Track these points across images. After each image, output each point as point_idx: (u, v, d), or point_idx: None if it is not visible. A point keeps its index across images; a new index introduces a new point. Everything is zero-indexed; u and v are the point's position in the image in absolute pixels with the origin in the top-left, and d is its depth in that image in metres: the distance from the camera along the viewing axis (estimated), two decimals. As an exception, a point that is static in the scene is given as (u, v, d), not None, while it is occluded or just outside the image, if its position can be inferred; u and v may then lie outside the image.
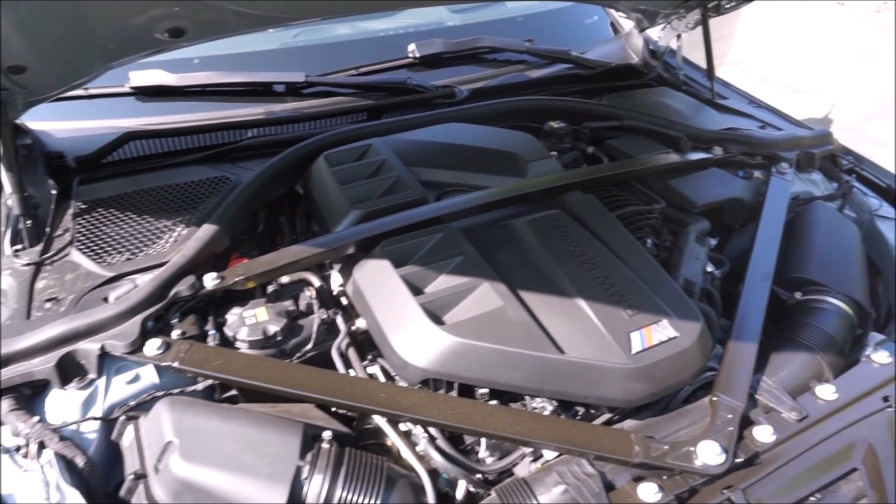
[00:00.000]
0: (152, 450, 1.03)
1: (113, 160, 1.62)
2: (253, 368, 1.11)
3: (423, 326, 1.13)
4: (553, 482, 1.03)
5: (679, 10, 2.05)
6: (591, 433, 1.08)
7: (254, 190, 1.47)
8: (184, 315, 1.22)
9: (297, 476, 0.99)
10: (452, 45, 2.01)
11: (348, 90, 1.85)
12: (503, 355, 1.10)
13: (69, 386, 1.11)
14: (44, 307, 1.22)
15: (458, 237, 1.32)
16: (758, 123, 1.96)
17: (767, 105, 2.15)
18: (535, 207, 1.46)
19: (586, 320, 1.17)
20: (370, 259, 1.28)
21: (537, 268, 1.27)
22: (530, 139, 1.67)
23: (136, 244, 1.37)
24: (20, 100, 1.37)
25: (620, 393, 1.11)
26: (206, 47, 1.87)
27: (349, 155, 1.56)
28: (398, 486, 1.04)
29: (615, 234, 1.36)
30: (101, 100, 1.76)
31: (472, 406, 1.10)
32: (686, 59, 2.33)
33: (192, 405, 1.08)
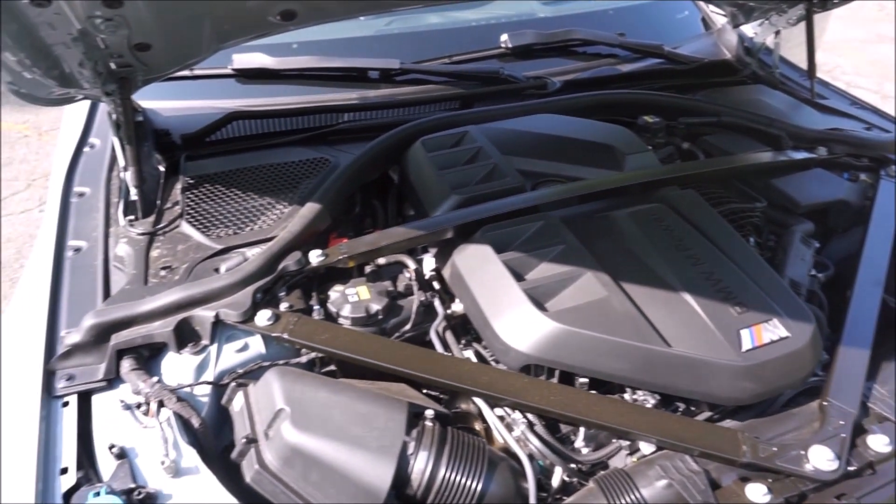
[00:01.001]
0: (262, 416, 1.06)
1: (216, 139, 1.68)
2: (358, 344, 1.13)
3: (527, 312, 1.13)
4: (656, 476, 1.02)
5: (781, 4, 1.98)
6: (698, 429, 1.06)
7: (353, 172, 1.50)
8: (290, 289, 1.26)
9: (404, 451, 1.01)
10: (544, 37, 2.00)
11: (441, 78, 1.86)
12: (609, 345, 1.09)
13: (184, 350, 1.15)
14: (159, 275, 1.27)
15: (559, 226, 1.31)
16: (863, 125, 1.88)
17: (871, 106, 2.06)
18: (632, 201, 1.44)
19: (693, 315, 1.15)
20: (471, 244, 1.29)
21: (640, 260, 1.26)
22: (627, 132, 1.65)
23: (240, 219, 1.41)
24: (140, 77, 1.44)
25: (728, 391, 1.08)
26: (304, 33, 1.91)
27: (445, 141, 1.57)
28: (499, 469, 1.04)
29: (719, 230, 1.33)
30: (204, 81, 1.83)
31: (576, 394, 1.10)
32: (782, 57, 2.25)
33: (301, 376, 1.11)
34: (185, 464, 1.01)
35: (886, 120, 1.98)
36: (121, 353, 1.13)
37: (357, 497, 0.98)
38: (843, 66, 5.50)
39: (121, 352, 1.13)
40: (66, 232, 1.42)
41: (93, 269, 1.32)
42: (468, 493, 1.00)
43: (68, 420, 1.06)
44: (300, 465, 1.00)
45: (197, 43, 1.44)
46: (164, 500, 0.97)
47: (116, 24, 1.21)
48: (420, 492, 1.00)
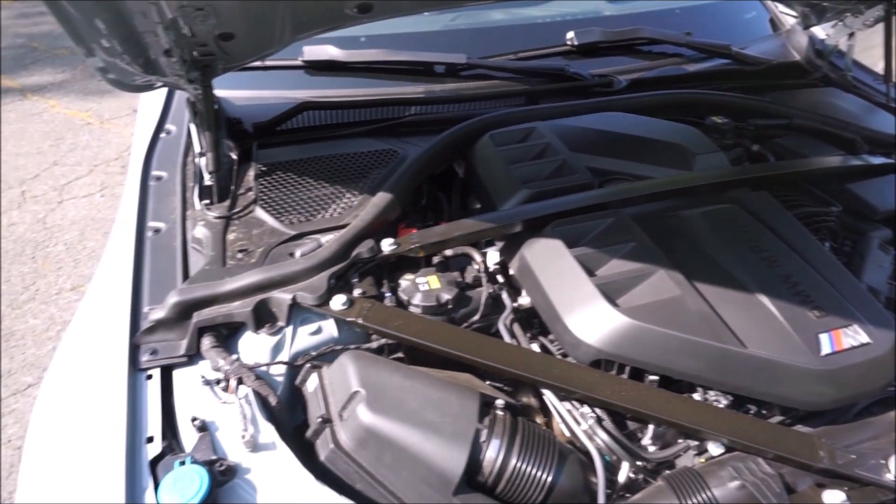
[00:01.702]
0: (337, 397, 1.08)
1: (285, 128, 1.72)
2: (431, 331, 1.15)
3: (599, 306, 1.13)
4: (728, 476, 1.01)
5: (858, 5, 1.93)
6: (773, 432, 1.05)
7: (422, 164, 1.52)
8: (362, 276, 1.28)
9: (477, 438, 1.02)
10: (611, 35, 1.99)
11: (506, 74, 1.87)
12: (682, 343, 1.09)
13: (261, 331, 1.19)
14: (236, 257, 1.31)
15: (630, 223, 1.31)
16: (941, 131, 1.82)
17: (950, 112, 1.99)
18: (701, 202, 1.42)
19: (770, 317, 1.13)
20: (541, 238, 1.29)
21: (713, 260, 1.24)
22: (696, 133, 1.63)
23: (311, 206, 1.44)
24: (220, 65, 1.48)
25: (805, 395, 1.07)
26: (373, 26, 1.94)
27: (513, 136, 1.58)
28: (569, 462, 1.05)
29: (795, 233, 1.31)
30: (275, 71, 1.87)
31: (647, 391, 1.09)
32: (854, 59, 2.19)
33: (375, 360, 1.13)
34: (262, 439, 1.04)
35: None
36: (201, 330, 1.17)
37: (429, 481, 0.99)
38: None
39: (202, 329, 1.17)
40: (146, 214, 1.47)
41: (172, 249, 1.37)
42: (538, 484, 1.01)
43: (152, 392, 1.10)
44: (374, 447, 1.02)
45: (275, 34, 1.48)
46: (243, 473, 1.01)
47: (206, 14, 1.25)
48: (491, 480, 1.01)
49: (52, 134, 4.27)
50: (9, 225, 3.41)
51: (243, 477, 1.01)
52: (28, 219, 3.45)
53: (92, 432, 1.06)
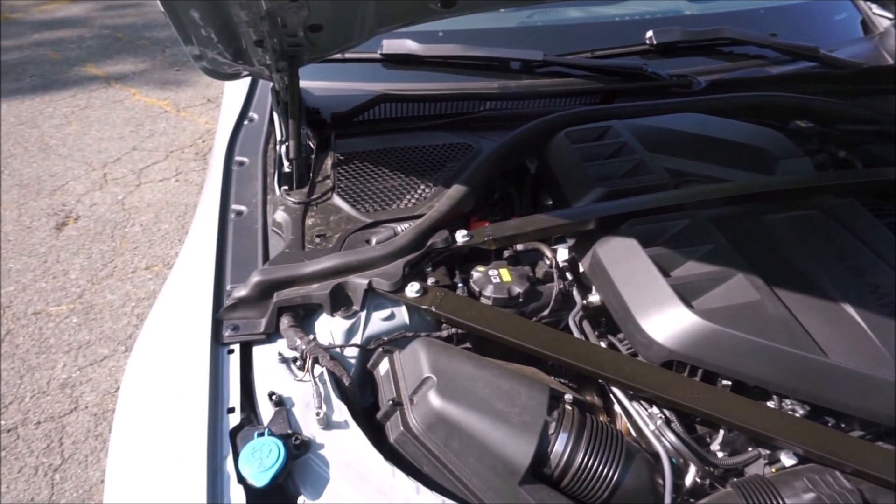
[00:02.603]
0: (408, 382, 1.11)
1: (363, 119, 1.76)
2: (503, 323, 1.16)
3: (674, 307, 1.12)
4: (803, 488, 0.98)
5: (959, 8, 1.84)
6: (853, 445, 1.01)
7: (496, 158, 1.53)
8: (435, 266, 1.31)
9: (545, 430, 1.02)
10: (691, 35, 1.95)
11: (582, 72, 1.86)
12: (759, 348, 1.06)
13: (337, 313, 1.22)
14: (314, 241, 1.35)
15: (708, 225, 1.28)
16: None
17: None
18: (782, 207, 1.38)
19: (855, 326, 1.09)
20: (615, 236, 1.29)
21: (795, 266, 1.21)
22: (780, 136, 1.58)
23: (387, 196, 1.48)
24: (306, 55, 1.53)
25: (889, 409, 1.03)
26: (450, 22, 1.97)
27: (589, 134, 1.57)
28: (636, 462, 1.04)
29: (884, 242, 1.26)
30: (353, 64, 1.92)
31: (721, 394, 1.07)
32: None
33: (446, 348, 1.15)
34: (335, 418, 1.08)
35: None
36: (280, 309, 1.21)
37: (496, 469, 1.01)
38: None
39: (280, 309, 1.21)
40: (229, 196, 1.53)
41: (253, 231, 1.43)
42: (604, 480, 1.01)
43: (233, 366, 1.16)
44: (443, 432, 1.04)
45: (360, 26, 1.52)
46: (316, 449, 1.04)
47: (299, 6, 1.30)
48: (557, 472, 1.01)
49: (132, 120, 4.49)
50: (91, 205, 3.61)
51: (316, 452, 1.04)
52: (108, 199, 3.64)
53: (177, 401, 1.11)
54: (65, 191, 3.72)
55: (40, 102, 4.69)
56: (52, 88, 4.86)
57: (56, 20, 6.09)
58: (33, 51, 5.51)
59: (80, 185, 3.78)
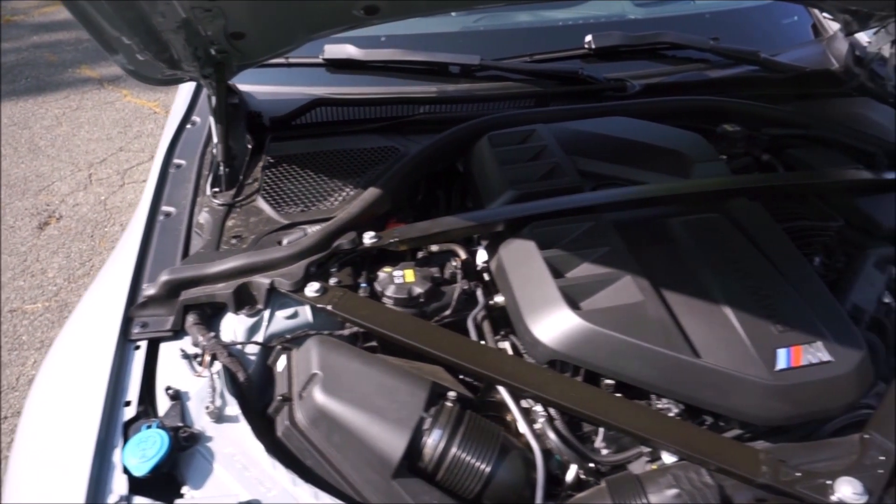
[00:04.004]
0: (299, 378, 1.15)
1: (301, 123, 1.81)
2: (395, 323, 1.20)
3: (557, 308, 1.15)
4: (666, 484, 1.01)
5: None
6: (717, 443, 1.04)
7: (418, 161, 1.56)
8: (342, 266, 1.35)
9: (420, 426, 1.06)
10: (631, 39, 1.97)
11: (519, 76, 1.89)
12: (635, 349, 1.09)
13: (241, 312, 1.27)
14: (230, 242, 1.40)
15: (608, 228, 1.31)
16: (978, 147, 1.71)
17: None
18: (693, 210, 1.41)
19: (729, 328, 1.12)
20: (517, 238, 1.32)
21: (686, 269, 1.24)
22: (700, 140, 1.60)
23: (310, 198, 1.52)
24: (235, 63, 1.58)
25: (756, 409, 1.05)
26: (394, 26, 2.01)
27: (512, 137, 1.60)
28: (510, 457, 1.07)
29: (778, 246, 1.28)
30: (298, 68, 1.96)
31: (596, 393, 1.10)
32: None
33: (337, 346, 1.19)
34: (227, 412, 1.12)
35: None
36: (187, 308, 1.26)
37: (372, 462, 1.05)
38: None
39: (188, 307, 1.26)
40: (161, 198, 1.58)
41: (177, 232, 1.47)
42: (476, 473, 1.04)
43: (137, 362, 1.20)
44: (325, 427, 1.08)
45: (288, 33, 1.56)
46: (204, 441, 1.09)
47: (214, 15, 1.34)
48: (431, 466, 1.05)
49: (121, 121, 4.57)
50: (74, 205, 3.68)
51: (204, 445, 1.09)
52: (91, 200, 3.71)
53: (77, 396, 1.16)
54: (50, 191, 3.81)
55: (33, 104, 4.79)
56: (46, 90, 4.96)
57: (56, 22, 6.20)
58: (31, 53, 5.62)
59: (65, 186, 3.86)
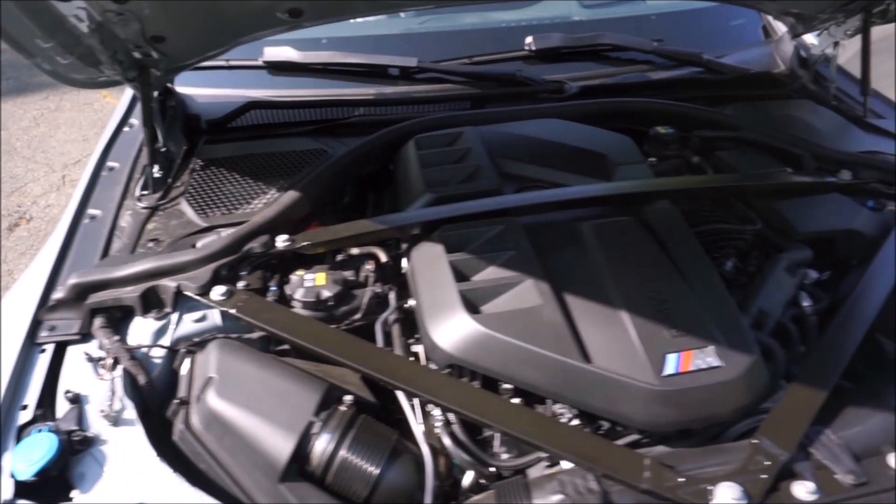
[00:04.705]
0: (198, 381, 1.16)
1: (237, 126, 1.81)
2: (294, 326, 1.20)
3: (455, 312, 1.15)
4: (552, 489, 1.01)
5: (837, 14, 1.84)
6: (603, 449, 1.04)
7: (343, 164, 1.57)
8: (254, 269, 1.35)
9: (308, 430, 1.06)
10: (572, 41, 1.97)
11: (458, 78, 1.89)
12: (525, 353, 1.09)
13: (149, 315, 1.27)
14: (146, 245, 1.40)
15: (518, 232, 1.31)
16: (911, 149, 1.71)
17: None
18: (613, 212, 1.41)
19: (623, 333, 1.12)
20: (427, 242, 1.32)
21: (590, 273, 1.24)
22: (627, 142, 1.60)
23: (234, 201, 1.52)
24: (161, 65, 1.58)
25: (642, 414, 1.05)
26: (336, 29, 2.02)
27: (440, 140, 1.60)
28: (401, 460, 1.08)
29: (685, 250, 1.28)
30: (240, 71, 1.96)
31: (488, 398, 1.10)
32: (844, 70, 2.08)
33: (238, 349, 1.19)
34: (125, 416, 1.13)
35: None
36: (95, 311, 1.26)
37: (260, 466, 1.05)
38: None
39: (96, 310, 1.26)
40: (88, 201, 1.59)
41: (99, 235, 1.48)
42: (364, 477, 1.04)
43: (41, 365, 1.21)
44: (217, 430, 1.09)
45: (213, 36, 1.56)
46: (98, 445, 1.09)
47: (126, 19, 1.35)
48: (319, 470, 1.05)
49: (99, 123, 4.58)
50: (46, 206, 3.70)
51: (98, 448, 1.09)
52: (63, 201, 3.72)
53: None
54: (23, 192, 3.82)
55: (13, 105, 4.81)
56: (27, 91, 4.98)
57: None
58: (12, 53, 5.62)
59: (38, 187, 3.87)
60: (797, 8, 1.89)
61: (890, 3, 1.73)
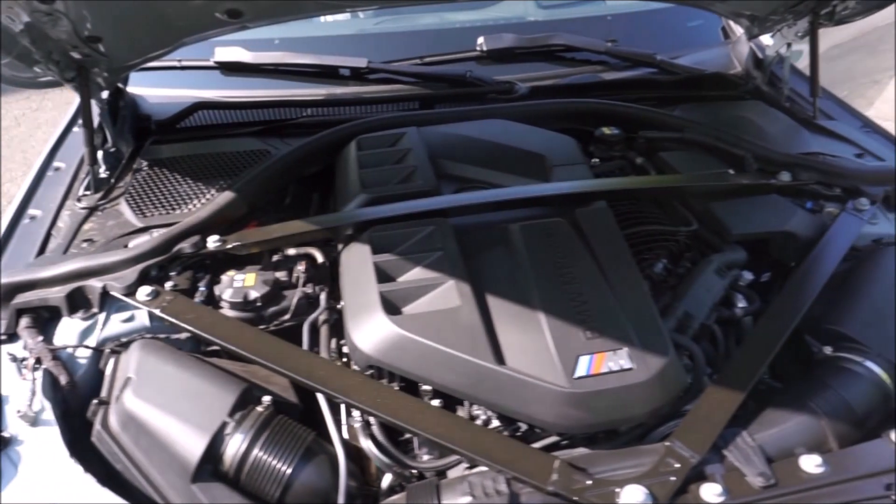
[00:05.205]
0: (119, 382, 1.16)
1: (185, 126, 1.81)
2: (215, 326, 1.20)
3: (374, 314, 1.15)
4: (462, 491, 1.01)
5: (787, 16, 1.84)
6: (514, 451, 1.04)
7: (283, 165, 1.57)
8: (185, 270, 1.35)
9: (221, 430, 1.07)
10: (524, 41, 1.97)
11: (408, 78, 1.89)
12: (440, 355, 1.09)
13: (75, 315, 1.27)
14: (80, 246, 1.40)
15: (447, 233, 1.31)
16: (856, 150, 1.71)
17: (884, 131, 1.86)
18: (549, 213, 1.41)
19: (539, 335, 1.12)
20: (356, 242, 1.32)
21: (513, 275, 1.24)
22: (569, 143, 1.60)
23: (174, 202, 1.52)
24: (103, 66, 1.58)
25: (553, 416, 1.05)
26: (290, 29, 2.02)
27: (383, 141, 1.61)
28: (316, 461, 1.08)
29: (611, 252, 1.28)
30: (193, 72, 1.96)
31: (403, 399, 1.11)
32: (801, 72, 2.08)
33: (159, 349, 1.19)
34: (44, 416, 1.13)
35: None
36: (22, 311, 1.26)
37: (172, 466, 1.05)
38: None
39: (22, 311, 1.26)
40: (30, 201, 1.59)
41: (37, 236, 1.48)
42: (276, 477, 1.04)
43: (-35, 365, 1.21)
44: (133, 430, 1.09)
45: (153, 37, 1.56)
46: (14, 445, 1.09)
47: (55, 19, 1.34)
48: (232, 471, 1.05)
49: (78, 122, 4.58)
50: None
51: (14, 448, 1.09)
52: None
53: None
54: (-2, 192, 3.83)
55: (-5, 104, 4.81)
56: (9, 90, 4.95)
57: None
58: (-5, 52, 5.65)
59: (14, 187, 3.86)
60: (748, 9, 1.89)
61: (836, 4, 1.73)
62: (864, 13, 1.76)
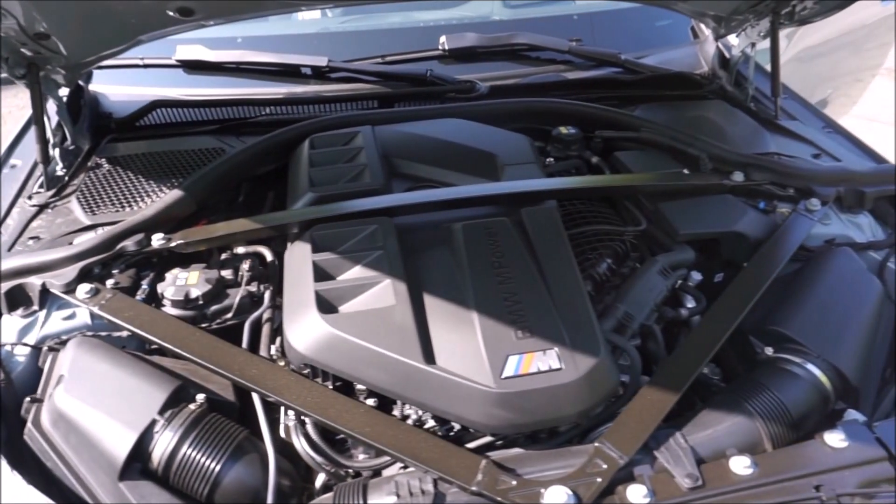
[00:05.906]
0: (54, 379, 1.16)
1: (144, 124, 1.81)
2: (153, 324, 1.20)
3: (308, 312, 1.15)
4: (388, 491, 1.01)
5: (749, 16, 1.84)
6: (441, 451, 1.04)
7: (234, 163, 1.56)
8: (128, 268, 1.35)
9: (150, 428, 1.06)
10: (486, 40, 1.97)
11: (369, 77, 1.89)
12: (370, 354, 1.09)
13: (15, 313, 1.27)
14: (26, 243, 1.40)
15: (389, 232, 1.31)
16: (814, 151, 1.70)
17: (846, 131, 1.86)
18: (497, 212, 1.40)
19: (471, 335, 1.11)
20: (299, 241, 1.32)
21: (450, 274, 1.23)
22: (523, 142, 1.60)
23: (125, 200, 1.52)
24: (55, 64, 1.58)
25: (480, 416, 1.05)
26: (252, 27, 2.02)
27: (336, 139, 1.60)
28: (245, 458, 1.08)
29: (551, 252, 1.27)
30: (156, 70, 1.96)
31: (333, 399, 1.10)
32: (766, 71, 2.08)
33: (96, 347, 1.19)
34: (-23, 414, 1.13)
35: (859, 149, 1.78)
36: None
37: (101, 465, 1.05)
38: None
39: None
40: (-18, 198, 1.59)
41: None
42: (204, 474, 1.04)
43: None
44: (64, 428, 1.09)
45: (105, 34, 1.56)
46: (-55, 446, 1.09)
47: (1, 16, 1.34)
48: (161, 468, 1.05)
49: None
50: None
51: (-55, 447, 1.09)
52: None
53: None
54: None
55: (-19, 101, 4.80)
56: (2, 87, 4.98)
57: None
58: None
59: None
60: (711, 10, 1.89)
61: (795, 4, 1.73)
62: (824, 14, 1.75)
